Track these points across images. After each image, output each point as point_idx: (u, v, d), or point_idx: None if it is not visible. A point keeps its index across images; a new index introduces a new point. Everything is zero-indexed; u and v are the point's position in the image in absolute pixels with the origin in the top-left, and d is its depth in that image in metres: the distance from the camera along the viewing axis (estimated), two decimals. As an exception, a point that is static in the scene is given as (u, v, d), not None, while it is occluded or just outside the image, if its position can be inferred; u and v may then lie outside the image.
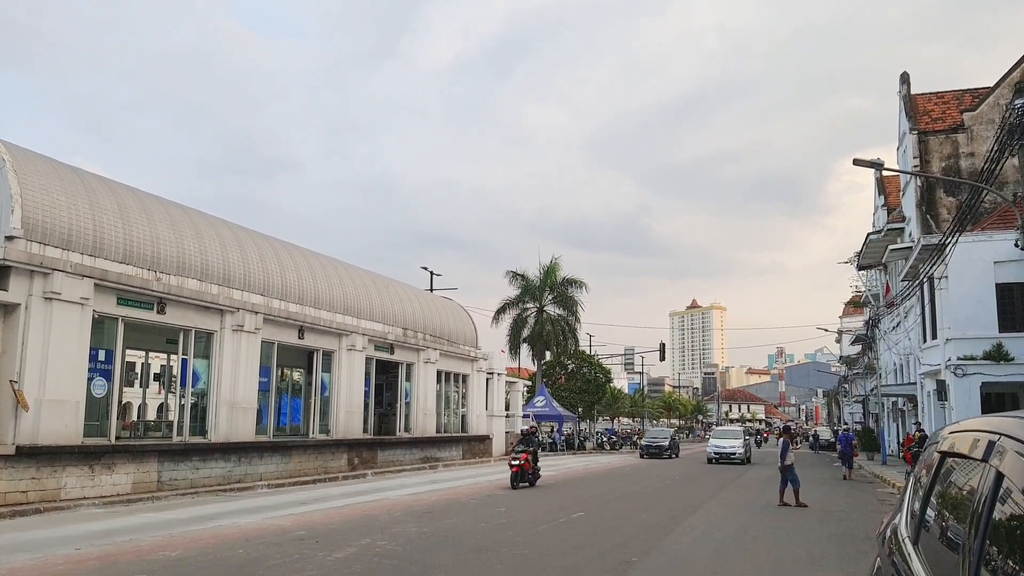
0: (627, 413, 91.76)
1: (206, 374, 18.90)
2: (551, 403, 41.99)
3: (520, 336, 44.41)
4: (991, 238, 25.69)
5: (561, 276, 45.13)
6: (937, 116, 34.40)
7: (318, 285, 23.27)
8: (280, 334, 21.26)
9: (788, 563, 10.04)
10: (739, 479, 25.43)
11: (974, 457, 2.43)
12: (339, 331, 23.45)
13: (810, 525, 13.74)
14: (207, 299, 18.69)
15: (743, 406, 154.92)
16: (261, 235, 22.88)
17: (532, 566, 9.37)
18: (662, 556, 10.29)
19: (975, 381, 24.98)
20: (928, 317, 28.86)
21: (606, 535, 11.93)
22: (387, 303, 26.64)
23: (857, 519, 14.81)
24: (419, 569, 9.13)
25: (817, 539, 12.08)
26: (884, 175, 46.47)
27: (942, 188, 32.91)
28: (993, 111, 31.86)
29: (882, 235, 39.10)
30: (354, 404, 23.81)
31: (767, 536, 12.35)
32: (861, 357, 53.89)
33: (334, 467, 22.31)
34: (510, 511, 14.89)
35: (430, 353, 28.07)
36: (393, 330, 26.32)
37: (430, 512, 14.69)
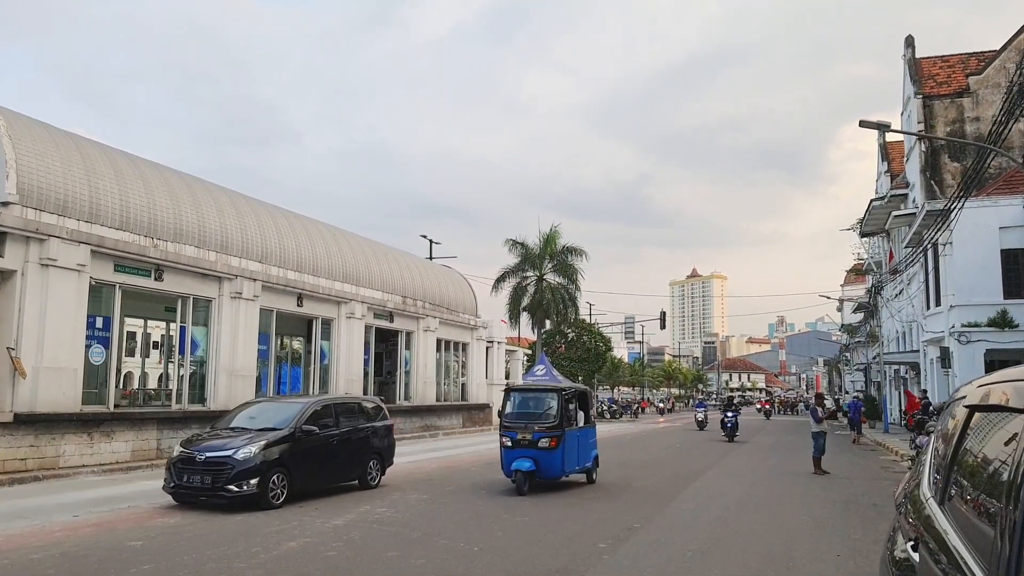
0: (627, 382, 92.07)
1: (205, 342, 18.78)
2: (551, 372, 41.41)
3: (520, 305, 44.14)
4: (996, 203, 25.43)
5: (561, 244, 44.69)
6: (942, 80, 33.86)
7: (316, 252, 23.05)
8: (279, 302, 21.09)
9: (792, 529, 9.95)
10: (743, 445, 25.43)
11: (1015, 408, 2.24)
12: (338, 299, 23.29)
13: (814, 492, 13.68)
14: (205, 266, 18.49)
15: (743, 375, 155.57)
16: (259, 202, 22.61)
17: (532, 532, 9.29)
18: (664, 522, 10.21)
19: (979, 348, 24.88)
20: (932, 284, 28.67)
21: (608, 502, 11.87)
22: (386, 271, 26.43)
23: (861, 485, 14.75)
24: (418, 535, 9.04)
25: (821, 505, 12.01)
26: (888, 141, 45.96)
27: (947, 153, 32.49)
28: (999, 75, 31.32)
29: (885, 201, 38.74)
30: (353, 372, 23.72)
31: (770, 503, 12.28)
32: (863, 325, 53.82)
33: (335, 435, 22.27)
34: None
35: (430, 321, 27.93)
36: (392, 298, 26.15)
37: (429, 480, 14.64)
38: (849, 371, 67.55)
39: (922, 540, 2.74)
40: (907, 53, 34.70)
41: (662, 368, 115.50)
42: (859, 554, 8.56)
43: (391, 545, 8.48)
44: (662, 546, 8.74)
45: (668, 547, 8.70)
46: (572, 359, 49.86)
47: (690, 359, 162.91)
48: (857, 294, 60.03)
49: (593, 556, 8.08)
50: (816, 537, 9.47)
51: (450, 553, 8.11)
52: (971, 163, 30.48)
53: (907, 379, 39.33)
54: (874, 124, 14.94)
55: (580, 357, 50.29)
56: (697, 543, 8.90)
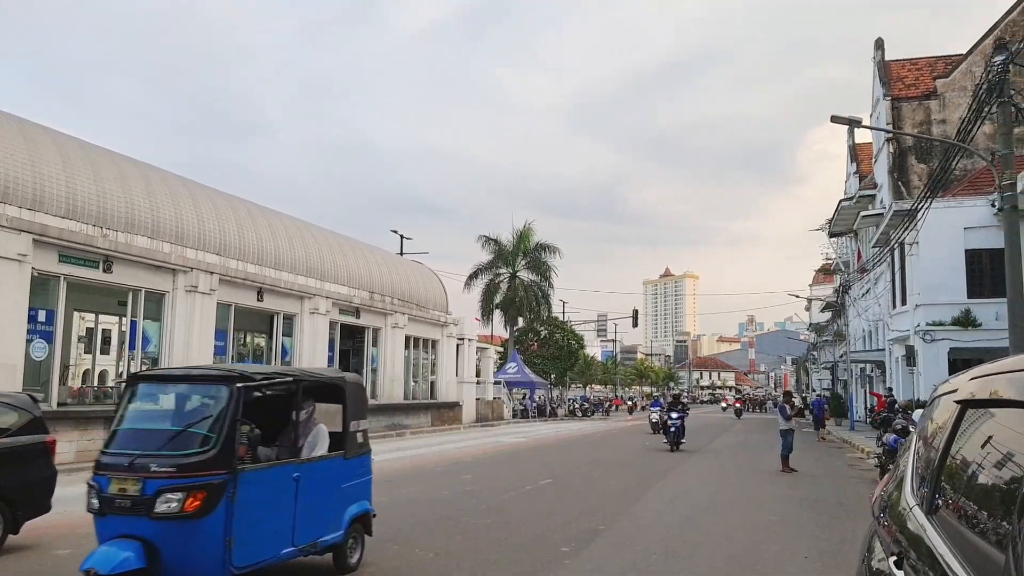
0: (599, 380, 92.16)
1: (157, 337, 18.10)
2: (523, 370, 41.64)
3: (492, 302, 43.83)
4: (962, 204, 25.57)
5: (535, 241, 44.50)
6: (911, 82, 34.11)
7: (279, 245, 22.41)
8: (237, 296, 20.44)
9: (759, 530, 9.68)
10: (712, 443, 25.30)
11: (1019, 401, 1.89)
12: (301, 294, 22.67)
13: (781, 490, 13.47)
14: (158, 258, 17.81)
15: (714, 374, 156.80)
16: (218, 192, 21.91)
17: (494, 535, 8.90)
18: (629, 523, 9.88)
19: (943, 347, 25.00)
20: (898, 283, 28.81)
21: (574, 503, 11.52)
22: (353, 265, 25.84)
23: (827, 484, 14.59)
24: (371, 540, 8.59)
25: (789, 504, 11.77)
26: (856, 143, 46.36)
27: (914, 155, 32.73)
28: (965, 78, 31.60)
29: (854, 202, 39.00)
30: (317, 369, 23.13)
31: (738, 502, 12.03)
32: (830, 324, 54.28)
33: (296, 434, 21.66)
34: (476, 479, 14.44)
35: (398, 318, 27.39)
36: (359, 293, 25.58)
37: (392, 480, 14.18)
38: (816, 369, 68.18)
39: (907, 556, 2.39)
40: (877, 55, 34.91)
41: (634, 367, 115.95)
42: (826, 555, 8.31)
43: (342, 550, 8.02)
44: (627, 549, 8.41)
45: (633, 550, 8.37)
46: (544, 357, 49.56)
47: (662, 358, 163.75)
48: (825, 293, 60.58)
49: (555, 561, 7.72)
50: (784, 538, 9.20)
51: (403, 560, 7.69)
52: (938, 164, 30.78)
53: (873, 377, 39.65)
54: (845, 119, 14.81)
55: (552, 355, 50.01)
56: (663, 545, 8.58)
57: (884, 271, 31.60)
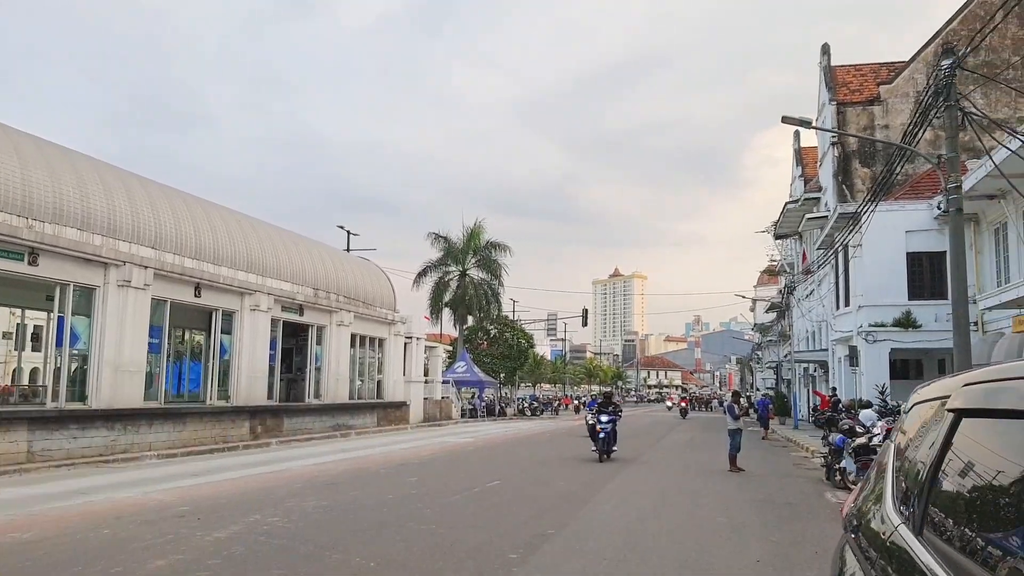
0: (549, 379, 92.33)
1: (87, 333, 17.17)
2: (472, 369, 41.25)
3: (442, 300, 43.33)
4: (903, 208, 26.17)
5: (485, 239, 44.16)
6: (855, 88, 34.84)
7: (218, 239, 21.56)
8: (174, 291, 19.58)
9: (710, 532, 9.52)
10: (660, 442, 25.32)
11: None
12: (241, 290, 21.86)
13: (729, 491, 13.41)
14: (88, 251, 16.89)
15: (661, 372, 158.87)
16: (154, 183, 20.96)
17: (437, 542, 8.51)
18: (579, 527, 9.61)
19: (885, 347, 25.55)
20: (842, 285, 29.36)
21: (522, 505, 11.21)
22: (296, 261, 25.08)
23: (775, 483, 14.62)
24: (309, 549, 8.14)
25: (737, 506, 11.68)
26: (802, 147, 47.29)
27: (858, 159, 33.45)
28: (908, 85, 32.43)
29: (799, 204, 39.71)
30: (257, 368, 22.34)
31: (686, 503, 11.90)
32: (775, 324, 55.27)
33: (234, 436, 20.90)
34: (422, 481, 14.02)
35: (343, 315, 26.70)
36: (303, 290, 24.83)
37: (334, 484, 13.66)
38: (761, 369, 69.44)
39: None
40: (823, 60, 35.56)
41: (583, 366, 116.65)
42: (778, 558, 8.17)
43: (277, 562, 7.56)
44: (576, 554, 8.14)
45: (583, 555, 8.10)
46: (494, 356, 49.25)
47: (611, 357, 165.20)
48: (770, 294, 61.74)
49: (502, 569, 7.39)
50: (734, 540, 9.06)
51: (341, 571, 7.25)
52: (881, 168, 31.49)
53: (816, 377, 40.45)
54: (796, 120, 14.86)
55: (502, 354, 49.72)
56: (613, 550, 8.34)
57: (828, 273, 32.19)
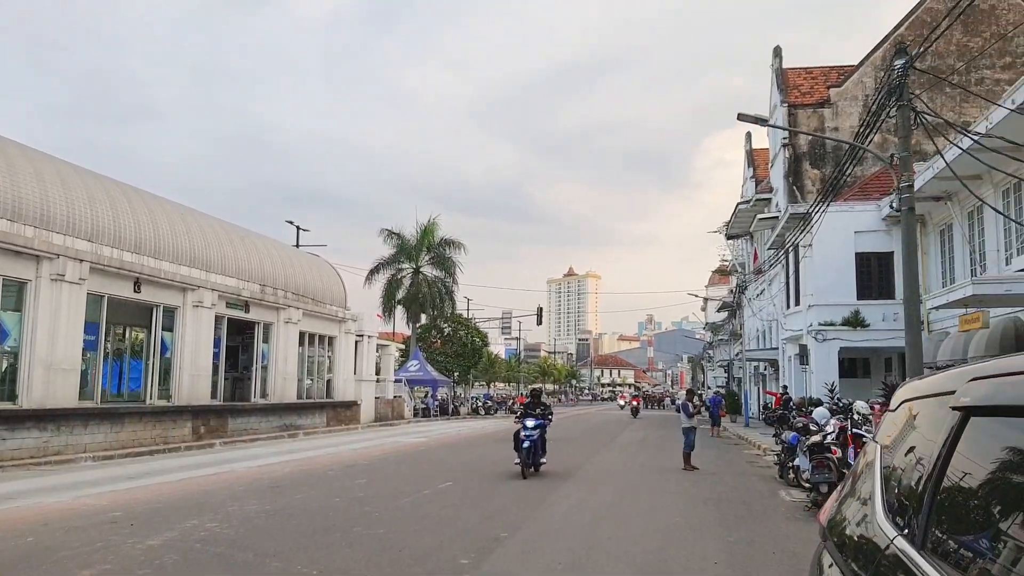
0: (503, 378, 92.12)
1: (17, 330, 16.26)
2: (425, 367, 40.72)
3: (394, 298, 42.69)
4: (853, 208, 26.58)
5: (439, 236, 43.68)
6: (806, 90, 35.39)
7: (160, 233, 20.71)
8: (111, 286, 18.71)
9: (667, 533, 9.34)
10: (614, 440, 25.25)
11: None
12: (184, 285, 21.04)
13: (685, 489, 13.30)
14: (19, 243, 15.99)
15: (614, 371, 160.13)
16: (91, 173, 20.02)
17: (384, 548, 8.13)
18: (533, 530, 9.33)
19: (834, 346, 25.92)
20: (792, 284, 29.73)
21: (474, 507, 10.88)
22: (243, 256, 24.28)
23: (729, 481, 14.57)
24: (248, 556, 7.68)
25: (693, 504, 11.55)
26: (754, 148, 47.98)
27: (808, 160, 33.99)
28: (857, 88, 33.06)
29: (751, 205, 40.24)
30: (201, 367, 21.54)
31: (642, 503, 11.72)
32: (726, 323, 55.99)
33: (176, 436, 20.10)
34: (371, 483, 13.58)
35: (292, 312, 25.96)
36: (249, 286, 24.04)
37: (278, 486, 13.13)
38: (712, 367, 70.38)
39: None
40: (775, 63, 36.03)
41: (538, 364, 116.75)
42: (736, 559, 8.01)
43: (212, 571, 7.10)
44: (530, 558, 7.86)
45: (537, 559, 7.83)
46: (447, 354, 48.79)
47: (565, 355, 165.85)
48: (721, 294, 62.55)
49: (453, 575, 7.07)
50: (691, 541, 8.88)
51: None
52: (830, 170, 32.03)
53: (766, 376, 41.03)
54: (751, 117, 14.86)
55: (456, 352, 49.30)
56: (568, 553, 8.07)
57: (779, 272, 32.61)
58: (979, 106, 26.58)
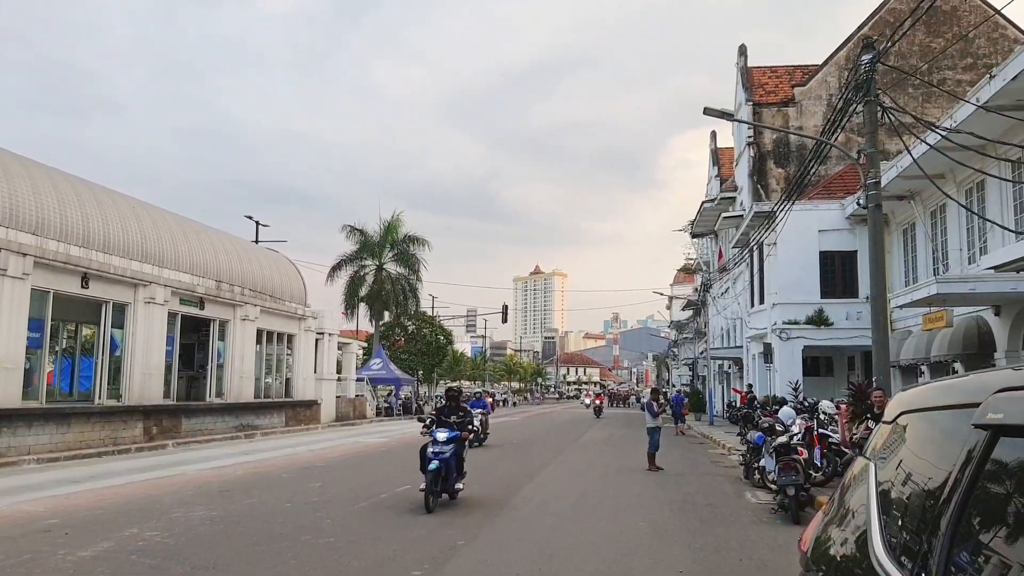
0: (468, 376, 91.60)
1: (-48, 327, 15.39)
2: (388, 365, 40.07)
3: (357, 295, 41.95)
4: (817, 207, 26.67)
5: (403, 233, 43.01)
6: (771, 89, 35.50)
7: (110, 226, 19.88)
8: (57, 282, 17.87)
9: (631, 538, 9.03)
10: (579, 440, 24.99)
11: None
12: (135, 281, 20.22)
13: (649, 491, 13.03)
14: (-47, 236, 15.13)
15: (580, 369, 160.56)
16: (36, 163, 19.13)
17: (333, 559, 7.67)
18: (491, 537, 8.95)
19: (798, 344, 25.96)
20: (757, 283, 29.79)
21: (430, 515, 10.44)
22: (198, 251, 23.47)
23: (694, 482, 14.35)
24: (185, 570, 7.17)
25: (658, 507, 11.28)
26: (719, 147, 48.15)
27: (772, 159, 34.11)
28: (821, 87, 33.25)
29: (715, 203, 40.31)
30: (153, 365, 20.74)
31: (606, 506, 11.41)
32: (691, 322, 56.21)
33: (126, 437, 19.30)
34: (326, 486, 13.09)
35: (249, 309, 25.19)
36: (204, 282, 23.26)
37: (228, 490, 12.56)
38: (677, 366, 70.72)
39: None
40: (740, 61, 36.10)
41: (504, 362, 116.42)
42: (702, 567, 7.73)
43: (143, 586, 6.59)
44: (487, 567, 7.49)
45: (494, 568, 7.47)
46: (411, 353, 48.17)
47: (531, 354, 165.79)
48: (686, 292, 62.83)
49: (403, 588, 6.65)
50: (656, 547, 8.58)
51: (217, 596, 6.34)
52: (795, 169, 32.17)
53: (730, 374, 41.20)
54: (717, 112, 14.66)
55: (420, 351, 48.70)
56: (527, 562, 7.70)
57: (743, 271, 32.67)
58: (941, 107, 26.85)
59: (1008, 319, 16.40)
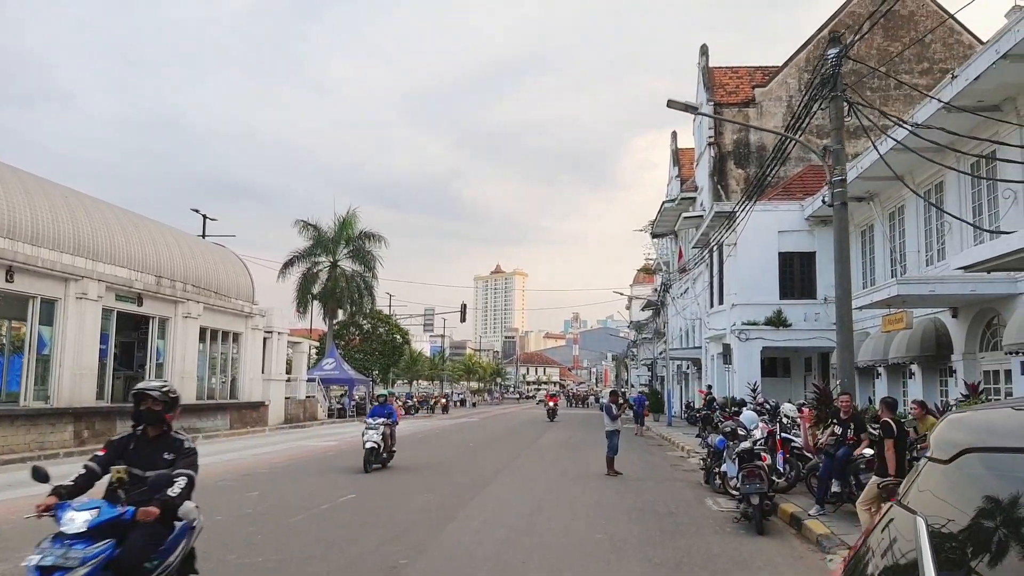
0: (427, 376, 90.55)
1: None
2: (341, 365, 38.98)
3: (310, 292, 40.75)
4: (776, 208, 26.54)
5: (359, 229, 41.96)
6: (732, 89, 35.44)
7: (38, 217, 18.64)
8: (-24, 275, 16.65)
9: (587, 552, 8.42)
10: (537, 442, 24.40)
11: None
12: (66, 275, 19.01)
13: (608, 498, 12.47)
14: None
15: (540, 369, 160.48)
16: (-45, 148, 17.81)
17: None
18: (439, 553, 8.26)
19: (756, 345, 25.79)
20: (716, 283, 29.58)
21: (375, 526, 9.71)
22: (137, 245, 22.26)
23: (654, 488, 13.85)
24: (84, 600, 6.31)
25: (616, 516, 10.70)
26: (679, 147, 48.13)
27: (732, 160, 34.02)
28: (781, 89, 33.25)
29: (676, 204, 40.17)
30: (85, 365, 19.53)
31: (563, 515, 10.80)
32: (651, 322, 56.16)
33: (54, 442, 18.10)
34: (265, 496, 12.24)
35: (191, 306, 24.01)
36: (143, 277, 22.05)
37: (158, 500, 11.62)
38: (636, 366, 70.77)
39: None
40: (701, 61, 35.96)
41: (462, 362, 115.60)
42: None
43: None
44: (431, 591, 6.79)
45: (438, 592, 6.77)
46: (366, 352, 47.10)
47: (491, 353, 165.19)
48: (646, 292, 62.85)
49: (334, 618, 5.93)
50: (614, 563, 7.99)
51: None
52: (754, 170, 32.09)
53: (689, 375, 41.09)
54: (681, 105, 14.20)
55: (375, 350, 47.65)
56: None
57: (703, 271, 32.49)
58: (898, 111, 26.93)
59: (966, 321, 16.30)
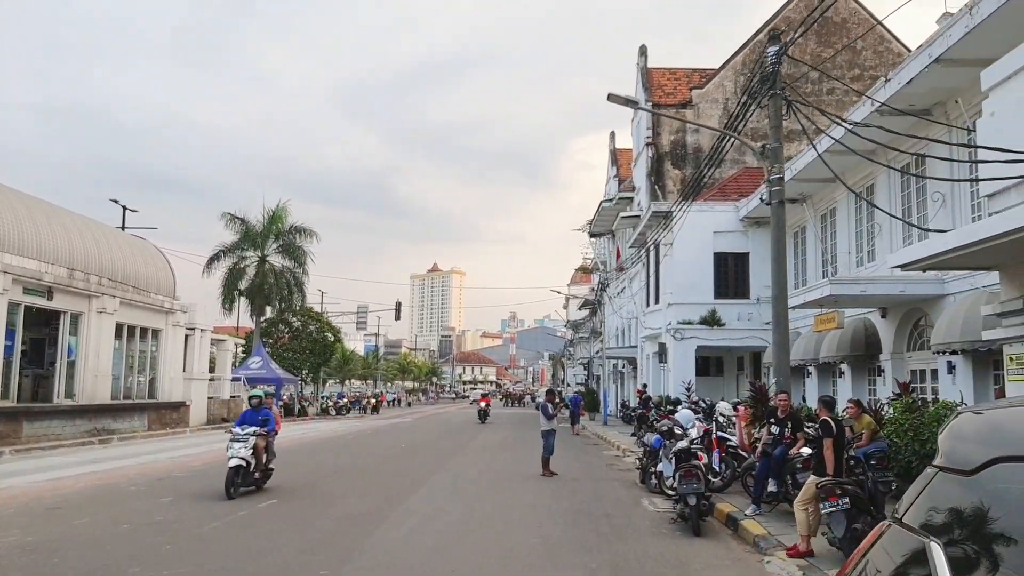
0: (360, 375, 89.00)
1: None
2: (268, 364, 37.68)
3: (236, 288, 39.28)
4: (712, 209, 26.78)
5: (290, 223, 40.69)
6: (670, 91, 35.76)
7: (-68, 202, 17.21)
8: None
9: (522, 559, 8.04)
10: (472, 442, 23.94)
11: None
12: (-36, 265, 17.64)
13: (543, 500, 12.13)
14: None
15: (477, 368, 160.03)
16: None
17: (160, 602, 6.27)
18: (362, 562, 7.74)
19: (692, 344, 25.97)
20: (653, 283, 29.74)
21: (295, 534, 9.11)
22: (47, 235, 20.86)
23: (590, 490, 13.58)
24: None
25: (552, 520, 10.36)
26: (617, 148, 48.44)
27: (670, 160, 34.30)
28: (718, 91, 33.68)
29: (614, 203, 40.38)
30: (-15, 362, 18.19)
31: (496, 520, 10.40)
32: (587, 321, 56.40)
33: (-53, 445, 16.75)
34: (178, 501, 11.45)
35: (107, 301, 22.66)
36: (53, 269, 20.68)
37: (59, 508, 10.75)
38: (572, 365, 71.06)
39: None
40: (640, 61, 36.16)
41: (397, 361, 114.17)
42: (600, 593, 6.82)
43: None
44: (353, 605, 6.29)
45: (361, 606, 6.27)
46: (296, 351, 45.74)
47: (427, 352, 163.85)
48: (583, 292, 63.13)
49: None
50: (549, 570, 7.63)
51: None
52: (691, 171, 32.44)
53: (624, 374, 41.35)
54: (622, 99, 13.99)
55: (305, 348, 46.33)
56: (402, 595, 6.56)
57: (640, 271, 32.65)
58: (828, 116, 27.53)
59: (894, 321, 16.62)
